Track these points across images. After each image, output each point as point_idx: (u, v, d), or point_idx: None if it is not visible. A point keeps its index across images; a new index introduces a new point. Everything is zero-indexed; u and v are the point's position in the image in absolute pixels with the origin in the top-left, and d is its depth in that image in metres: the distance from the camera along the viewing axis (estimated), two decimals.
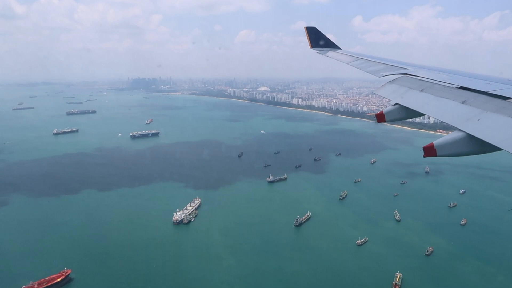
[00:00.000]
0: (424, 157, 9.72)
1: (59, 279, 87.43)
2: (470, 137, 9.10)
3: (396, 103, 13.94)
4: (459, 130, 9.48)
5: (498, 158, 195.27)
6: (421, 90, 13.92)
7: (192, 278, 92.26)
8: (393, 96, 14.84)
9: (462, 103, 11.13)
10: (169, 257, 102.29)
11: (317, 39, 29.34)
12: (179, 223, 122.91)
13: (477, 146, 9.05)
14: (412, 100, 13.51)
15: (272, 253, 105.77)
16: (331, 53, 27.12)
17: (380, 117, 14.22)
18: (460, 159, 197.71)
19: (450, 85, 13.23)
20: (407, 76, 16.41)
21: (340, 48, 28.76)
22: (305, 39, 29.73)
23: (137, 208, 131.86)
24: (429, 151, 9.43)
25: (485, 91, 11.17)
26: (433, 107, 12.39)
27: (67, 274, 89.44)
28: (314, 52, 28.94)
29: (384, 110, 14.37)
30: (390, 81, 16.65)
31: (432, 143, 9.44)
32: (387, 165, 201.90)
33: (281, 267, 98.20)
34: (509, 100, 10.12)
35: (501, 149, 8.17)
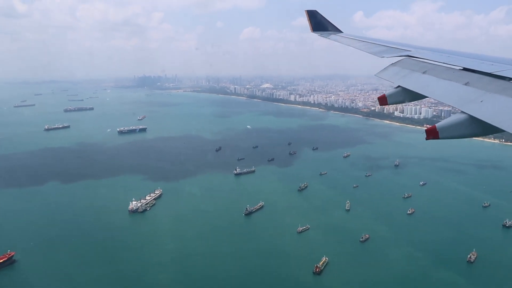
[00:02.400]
0: (426, 139, 9.68)
1: (1, 261, 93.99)
2: (473, 119, 8.99)
3: (399, 86, 13.95)
4: (462, 112, 9.41)
5: (465, 152, 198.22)
6: (424, 72, 13.82)
7: (130, 261, 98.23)
8: (395, 78, 14.78)
9: (465, 84, 10.98)
10: (115, 242, 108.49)
11: (318, 22, 28.84)
12: (135, 211, 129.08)
13: (479, 127, 8.96)
14: (415, 82, 13.46)
15: (213, 238, 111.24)
16: (333, 36, 26.73)
17: (382, 100, 14.24)
18: (428, 153, 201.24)
19: (453, 66, 13.05)
20: (409, 58, 16.31)
21: (342, 32, 28.21)
22: (310, 36, 30.61)
23: (97, 198, 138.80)
24: (431, 133, 9.23)
25: (489, 72, 10.96)
26: (435, 89, 12.29)
27: (10, 256, 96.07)
28: (316, 37, 28.69)
29: (386, 92, 14.40)
30: (392, 63, 16.61)
31: (435, 125, 9.31)
32: (358, 158, 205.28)
33: (216, 251, 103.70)
34: None
35: (504, 131, 8.09)
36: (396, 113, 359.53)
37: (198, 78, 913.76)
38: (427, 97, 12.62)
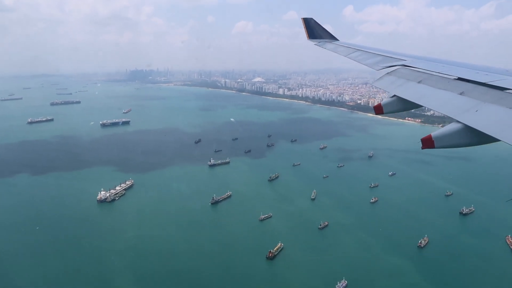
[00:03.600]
0: (422, 149, 9.74)
1: None
2: (468, 129, 9.10)
3: (394, 95, 14.05)
4: (457, 121, 9.53)
5: None
6: (419, 82, 13.93)
7: (89, 247, 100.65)
8: (390, 88, 14.87)
9: (460, 94, 11.11)
10: (78, 229, 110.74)
11: (314, 30, 28.97)
12: (103, 201, 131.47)
13: (475, 137, 9.07)
14: (410, 92, 13.56)
15: (175, 227, 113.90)
16: (328, 45, 26.90)
17: (378, 109, 14.38)
18: (401, 145, 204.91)
19: (448, 76, 13.19)
20: (405, 67, 16.48)
21: (337, 40, 28.44)
22: (303, 30, 29.70)
23: (66, 189, 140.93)
24: (427, 143, 9.38)
25: (483, 82, 11.11)
26: (430, 99, 12.42)
27: None
28: (312, 43, 28.85)
29: (382, 102, 14.47)
30: (388, 72, 16.70)
31: (430, 134, 9.42)
32: (334, 150, 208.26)
33: (175, 238, 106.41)
34: (507, 91, 10.10)
35: (499, 140, 8.17)
36: None
37: (190, 72, 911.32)
38: (422, 106, 12.83)
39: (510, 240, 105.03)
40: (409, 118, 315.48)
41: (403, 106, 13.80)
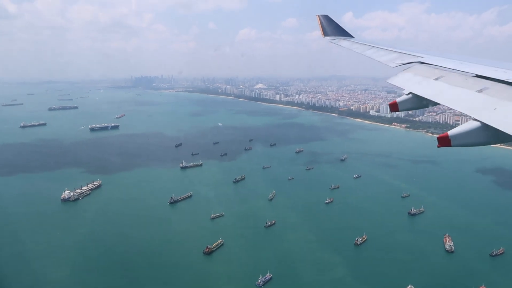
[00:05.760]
0: (438, 147, 9.54)
1: None
2: (486, 127, 8.89)
3: (410, 92, 13.85)
4: (474, 119, 9.30)
5: (409, 148, 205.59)
6: (436, 79, 13.56)
7: (40, 242, 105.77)
8: (406, 85, 14.63)
9: (478, 91, 10.79)
10: (34, 226, 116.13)
11: (329, 27, 28.81)
12: (67, 200, 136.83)
13: (492, 136, 8.87)
14: (426, 89, 13.27)
15: (128, 223, 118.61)
16: (343, 42, 26.59)
17: (393, 107, 14.23)
18: (375, 148, 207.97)
19: (466, 73, 12.83)
20: (421, 64, 16.13)
21: (353, 37, 27.95)
22: (306, 37, 32.91)
23: (33, 188, 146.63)
24: (443, 141, 9.21)
25: (503, 79, 10.80)
26: (447, 96, 12.17)
27: None
28: (326, 42, 28.48)
29: (398, 99, 14.27)
30: (404, 69, 16.33)
31: (447, 133, 9.21)
32: (309, 154, 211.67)
33: (123, 233, 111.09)
34: None
35: None
36: (372, 112, 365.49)
37: (194, 79, 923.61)
38: (439, 104, 12.49)
39: (447, 238, 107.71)
40: (396, 124, 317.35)
41: (419, 104, 13.69)
